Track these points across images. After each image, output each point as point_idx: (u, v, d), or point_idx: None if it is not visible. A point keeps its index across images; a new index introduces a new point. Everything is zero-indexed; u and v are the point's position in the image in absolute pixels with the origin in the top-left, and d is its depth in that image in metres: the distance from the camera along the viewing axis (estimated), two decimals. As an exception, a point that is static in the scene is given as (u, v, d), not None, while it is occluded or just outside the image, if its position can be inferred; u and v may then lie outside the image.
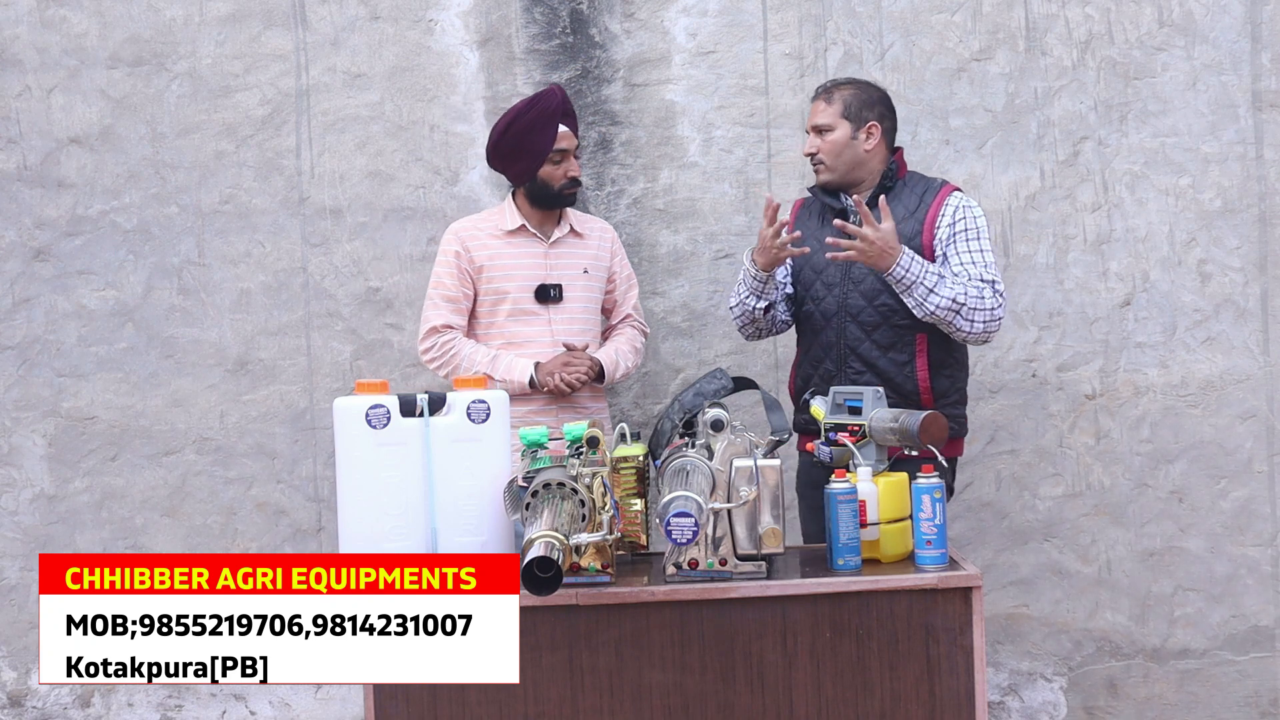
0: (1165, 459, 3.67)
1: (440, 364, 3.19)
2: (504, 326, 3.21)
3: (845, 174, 3.04)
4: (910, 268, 2.85)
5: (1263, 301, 3.66)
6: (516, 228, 3.23)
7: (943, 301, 2.86)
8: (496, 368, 3.13)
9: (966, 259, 2.94)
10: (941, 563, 2.37)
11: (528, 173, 3.19)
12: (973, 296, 2.88)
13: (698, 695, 2.28)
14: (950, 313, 2.87)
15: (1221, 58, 3.64)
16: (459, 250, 3.22)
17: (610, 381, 3.23)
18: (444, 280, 3.22)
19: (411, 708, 2.28)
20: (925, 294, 2.86)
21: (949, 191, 3.03)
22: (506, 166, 3.25)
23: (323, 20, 3.75)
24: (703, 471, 2.23)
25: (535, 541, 2.03)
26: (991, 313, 2.91)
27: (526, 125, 3.17)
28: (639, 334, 3.39)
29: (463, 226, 3.28)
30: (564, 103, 3.23)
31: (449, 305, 3.21)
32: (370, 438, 2.35)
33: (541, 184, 3.20)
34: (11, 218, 3.78)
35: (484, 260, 3.21)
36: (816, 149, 3.04)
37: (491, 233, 3.24)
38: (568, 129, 3.21)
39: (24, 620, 3.80)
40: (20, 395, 3.79)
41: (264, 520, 3.78)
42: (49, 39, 3.76)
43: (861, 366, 2.96)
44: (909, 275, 2.86)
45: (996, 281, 2.93)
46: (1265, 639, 3.67)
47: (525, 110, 3.20)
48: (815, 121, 3.05)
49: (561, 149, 3.18)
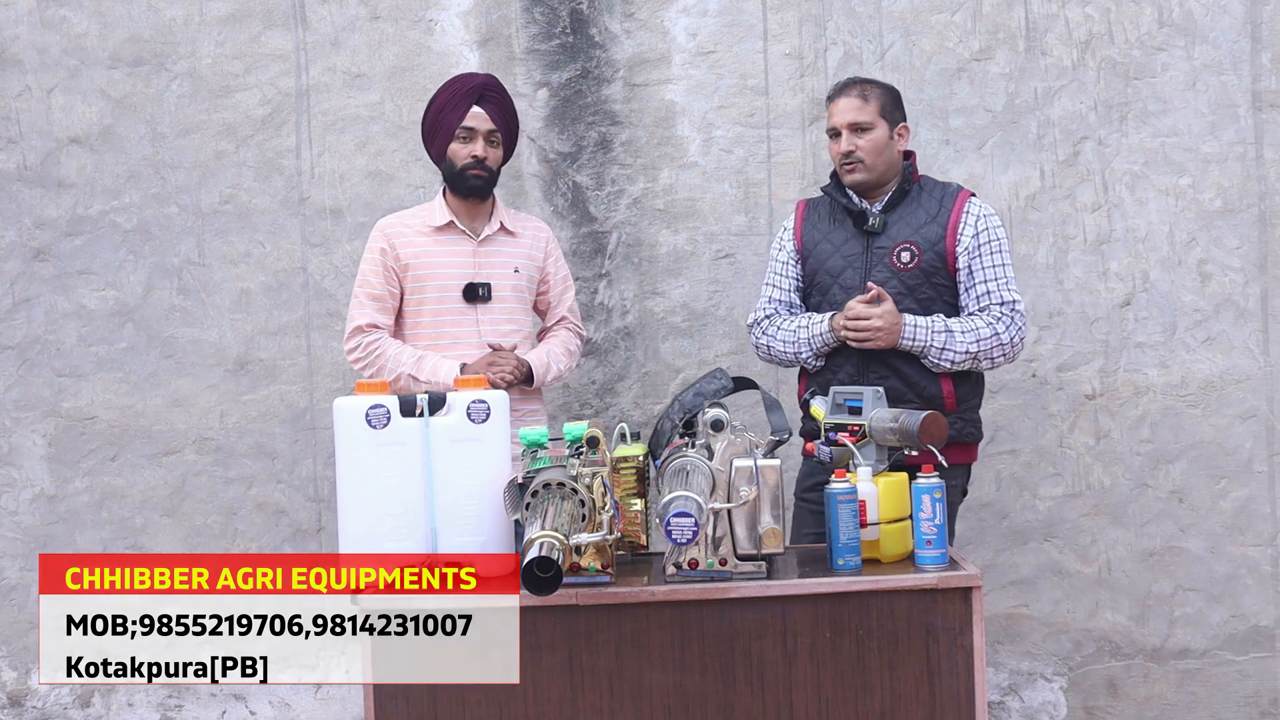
0: (1165, 459, 3.67)
1: (365, 364, 3.09)
2: (431, 326, 3.11)
3: (881, 175, 3.01)
4: (916, 335, 2.89)
5: (1263, 301, 3.66)
6: (444, 224, 3.14)
7: (957, 357, 2.90)
8: (422, 369, 3.03)
9: (990, 276, 2.95)
10: (941, 563, 2.37)
11: (441, 152, 3.12)
12: (986, 340, 2.91)
13: (698, 695, 2.28)
14: (968, 362, 2.92)
15: (1221, 58, 3.64)
16: (384, 247, 3.12)
17: (540, 383, 3.13)
18: (369, 278, 3.12)
19: (411, 708, 2.28)
20: (938, 353, 2.90)
21: (966, 197, 3.02)
22: (429, 147, 3.18)
23: (323, 20, 3.75)
24: (703, 471, 2.23)
25: (535, 541, 2.03)
26: (1010, 346, 2.94)
27: (441, 102, 3.12)
28: (574, 336, 3.29)
29: (389, 223, 3.19)
30: (487, 87, 3.13)
31: (374, 304, 3.11)
32: (370, 438, 2.35)
33: (449, 163, 3.11)
34: (11, 218, 3.78)
35: (409, 258, 3.11)
36: (855, 147, 2.98)
37: (419, 230, 3.15)
38: (485, 113, 3.10)
39: (24, 620, 3.80)
40: (20, 395, 3.79)
41: (264, 520, 3.78)
42: (49, 39, 3.76)
43: (885, 372, 2.94)
44: (917, 343, 2.89)
45: (1017, 302, 2.95)
46: (1265, 639, 3.67)
47: (445, 88, 3.15)
48: (853, 119, 2.98)
49: (469, 127, 3.08)
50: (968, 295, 2.97)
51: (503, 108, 3.15)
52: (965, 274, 2.96)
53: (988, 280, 2.95)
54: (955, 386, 2.97)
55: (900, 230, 2.97)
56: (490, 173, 3.13)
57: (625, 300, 3.74)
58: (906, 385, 2.93)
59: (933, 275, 2.95)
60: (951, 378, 2.96)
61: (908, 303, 2.95)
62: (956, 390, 2.97)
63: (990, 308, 2.94)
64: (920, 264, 2.95)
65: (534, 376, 3.10)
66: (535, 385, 3.13)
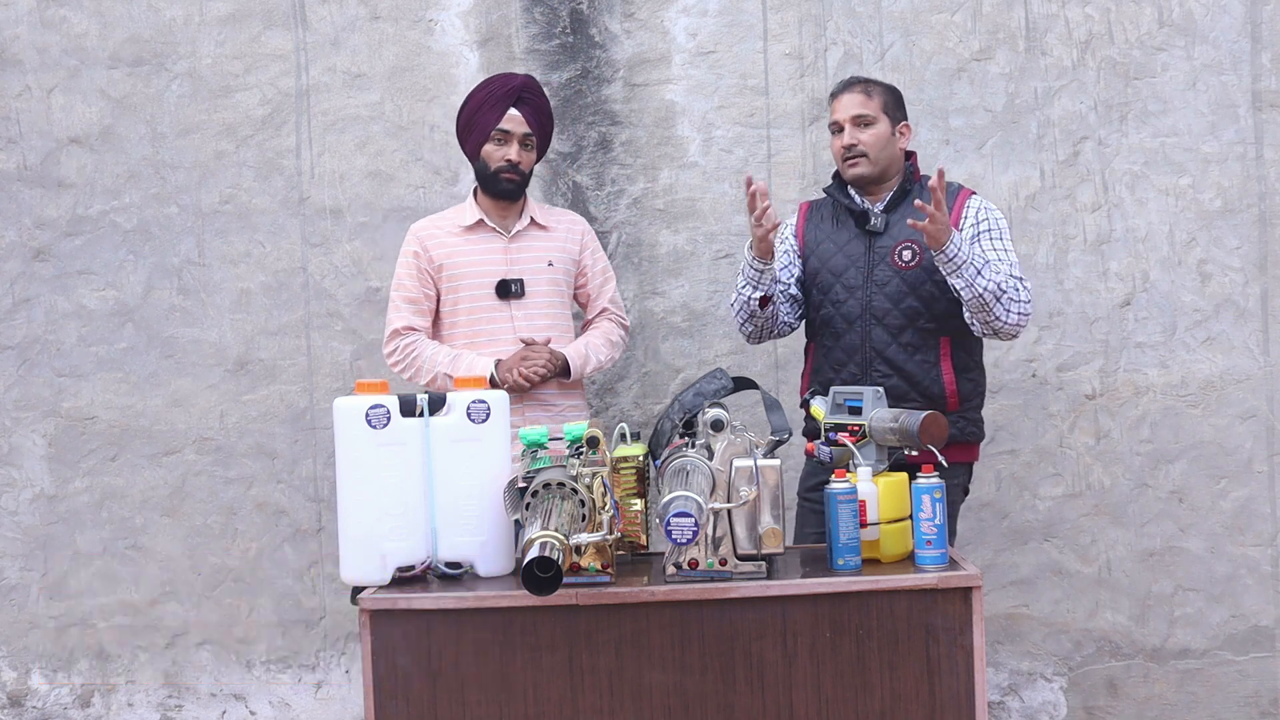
0: (1165, 459, 3.67)
1: (403, 367, 3.13)
2: (466, 324, 3.14)
3: (883, 169, 3.02)
4: (961, 248, 2.84)
5: (1263, 301, 3.66)
6: (474, 222, 3.16)
7: (989, 285, 2.84)
8: (457, 368, 3.06)
9: (993, 256, 2.93)
10: (941, 563, 2.37)
11: (475, 151, 3.14)
12: (1011, 287, 2.89)
13: (698, 695, 2.28)
14: (994, 297, 2.85)
15: (1221, 58, 3.64)
16: (417, 250, 3.15)
17: (578, 375, 3.13)
18: (404, 282, 3.16)
19: (411, 708, 2.28)
20: (974, 274, 2.84)
21: (967, 195, 3.03)
22: (463, 144, 3.20)
23: (323, 20, 3.75)
24: (703, 471, 2.23)
25: (535, 541, 2.03)
26: (1025, 305, 2.91)
27: (479, 101, 3.13)
28: (616, 327, 3.29)
29: (421, 226, 3.21)
30: (525, 89, 3.14)
31: (410, 307, 3.14)
32: (370, 438, 2.35)
33: (482, 164, 3.13)
34: (11, 218, 3.78)
35: (442, 258, 3.14)
36: (857, 140, 2.98)
37: (450, 230, 3.17)
38: (521, 116, 3.11)
39: (24, 620, 3.80)
40: (20, 395, 3.79)
41: (264, 520, 3.78)
42: (49, 39, 3.76)
43: (888, 370, 2.93)
44: (960, 254, 2.83)
45: (1024, 279, 2.94)
46: (1265, 639, 3.67)
47: (483, 87, 3.16)
48: (856, 112, 2.99)
49: (505, 130, 3.10)
50: None
51: (539, 110, 3.17)
52: None
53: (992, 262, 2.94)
54: (958, 385, 2.97)
55: (902, 229, 2.97)
56: (523, 176, 3.16)
57: (625, 300, 3.73)
58: (910, 384, 2.92)
59: (934, 273, 2.94)
60: (955, 376, 2.96)
61: (911, 300, 2.95)
62: (959, 389, 2.97)
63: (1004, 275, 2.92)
64: (922, 262, 2.95)
65: (570, 369, 3.10)
66: (573, 378, 3.13)
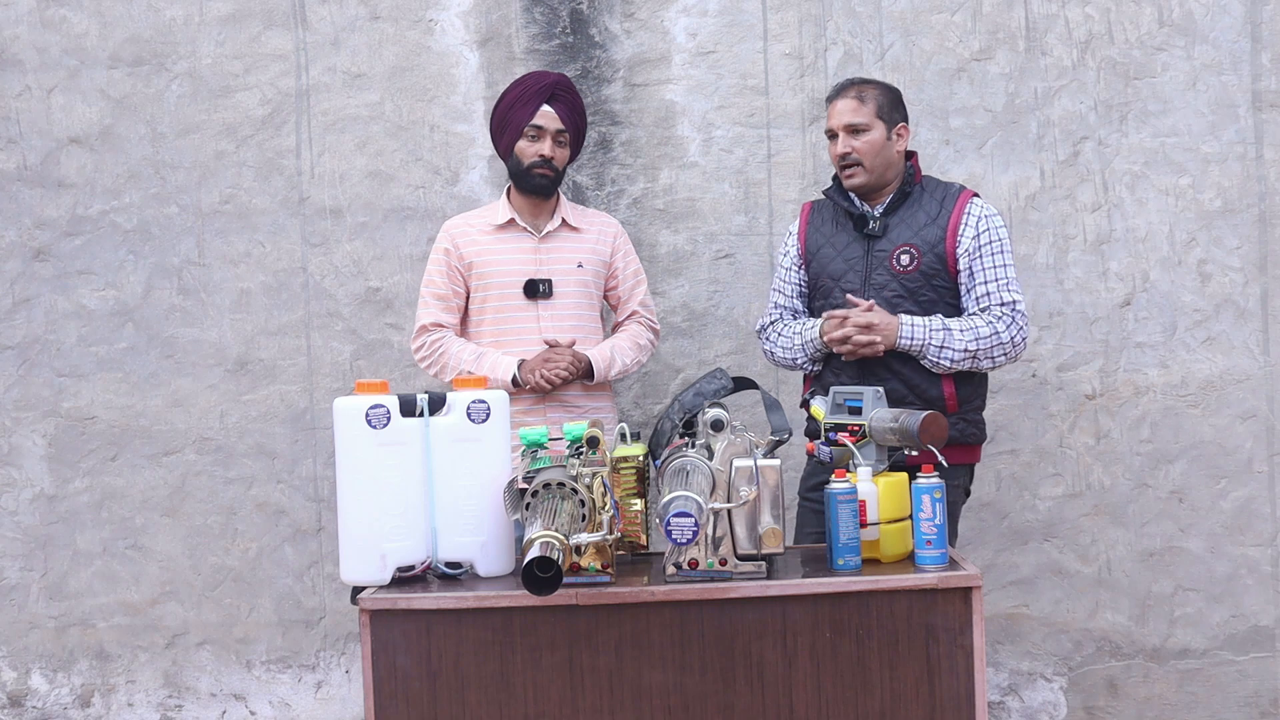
0: (1165, 459, 3.67)
1: (429, 363, 3.18)
2: (493, 323, 3.17)
3: (880, 175, 3.00)
4: (914, 335, 2.87)
5: (1263, 301, 3.66)
6: (506, 221, 3.19)
7: (956, 355, 2.88)
8: (481, 366, 3.08)
9: (991, 276, 2.93)
10: (941, 563, 2.37)
11: (508, 147, 3.17)
12: (985, 339, 2.89)
13: (698, 695, 2.28)
14: (967, 361, 2.89)
15: (1221, 58, 3.64)
16: (449, 247, 3.20)
17: (602, 378, 3.14)
18: (434, 278, 3.20)
19: (411, 708, 2.27)
20: (937, 352, 2.88)
21: (968, 198, 3.00)
22: (497, 141, 3.22)
23: (323, 20, 3.75)
24: (703, 471, 2.23)
25: (535, 541, 2.03)
26: (1012, 345, 2.92)
27: (512, 99, 3.16)
28: (646, 330, 3.30)
29: (454, 223, 3.26)
30: (559, 86, 3.17)
31: (439, 303, 3.19)
32: (370, 438, 2.35)
33: (515, 160, 3.16)
34: (11, 218, 3.78)
35: (473, 256, 3.18)
36: (851, 149, 2.97)
37: (482, 229, 3.21)
38: (555, 112, 3.15)
39: (24, 620, 3.80)
40: (20, 395, 3.79)
41: (264, 520, 3.78)
42: (49, 39, 3.76)
43: (886, 374, 2.92)
44: (915, 342, 2.87)
45: (1017, 302, 2.93)
46: (1265, 639, 3.67)
47: (516, 85, 3.19)
48: (849, 120, 2.97)
49: (538, 125, 3.13)
50: (968, 296, 2.96)
51: (572, 108, 3.20)
52: (966, 275, 2.95)
53: (988, 281, 2.93)
54: (957, 388, 2.95)
55: (900, 233, 2.96)
56: (556, 172, 3.18)
57: (625, 300, 3.74)
58: (908, 388, 2.92)
59: (933, 278, 2.94)
60: (954, 379, 2.95)
61: (908, 305, 2.94)
62: (958, 391, 2.96)
63: (991, 308, 2.93)
64: (920, 267, 2.94)
65: (594, 371, 3.11)
66: (597, 380, 3.14)
